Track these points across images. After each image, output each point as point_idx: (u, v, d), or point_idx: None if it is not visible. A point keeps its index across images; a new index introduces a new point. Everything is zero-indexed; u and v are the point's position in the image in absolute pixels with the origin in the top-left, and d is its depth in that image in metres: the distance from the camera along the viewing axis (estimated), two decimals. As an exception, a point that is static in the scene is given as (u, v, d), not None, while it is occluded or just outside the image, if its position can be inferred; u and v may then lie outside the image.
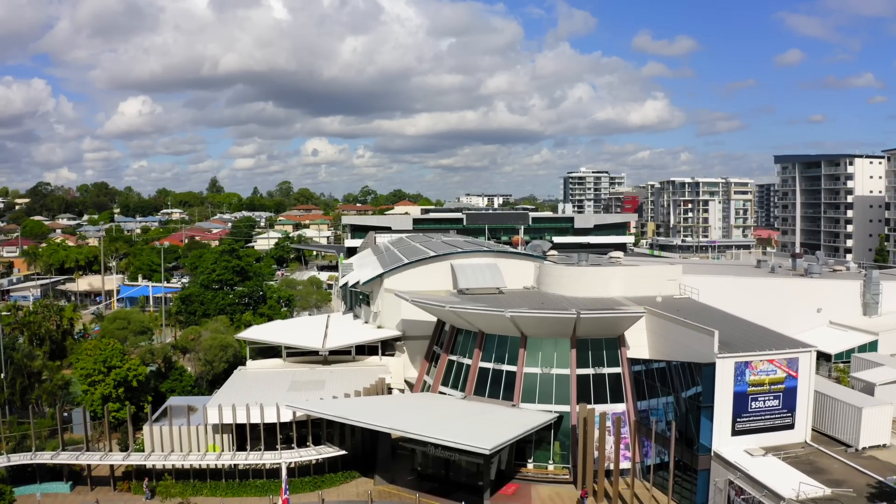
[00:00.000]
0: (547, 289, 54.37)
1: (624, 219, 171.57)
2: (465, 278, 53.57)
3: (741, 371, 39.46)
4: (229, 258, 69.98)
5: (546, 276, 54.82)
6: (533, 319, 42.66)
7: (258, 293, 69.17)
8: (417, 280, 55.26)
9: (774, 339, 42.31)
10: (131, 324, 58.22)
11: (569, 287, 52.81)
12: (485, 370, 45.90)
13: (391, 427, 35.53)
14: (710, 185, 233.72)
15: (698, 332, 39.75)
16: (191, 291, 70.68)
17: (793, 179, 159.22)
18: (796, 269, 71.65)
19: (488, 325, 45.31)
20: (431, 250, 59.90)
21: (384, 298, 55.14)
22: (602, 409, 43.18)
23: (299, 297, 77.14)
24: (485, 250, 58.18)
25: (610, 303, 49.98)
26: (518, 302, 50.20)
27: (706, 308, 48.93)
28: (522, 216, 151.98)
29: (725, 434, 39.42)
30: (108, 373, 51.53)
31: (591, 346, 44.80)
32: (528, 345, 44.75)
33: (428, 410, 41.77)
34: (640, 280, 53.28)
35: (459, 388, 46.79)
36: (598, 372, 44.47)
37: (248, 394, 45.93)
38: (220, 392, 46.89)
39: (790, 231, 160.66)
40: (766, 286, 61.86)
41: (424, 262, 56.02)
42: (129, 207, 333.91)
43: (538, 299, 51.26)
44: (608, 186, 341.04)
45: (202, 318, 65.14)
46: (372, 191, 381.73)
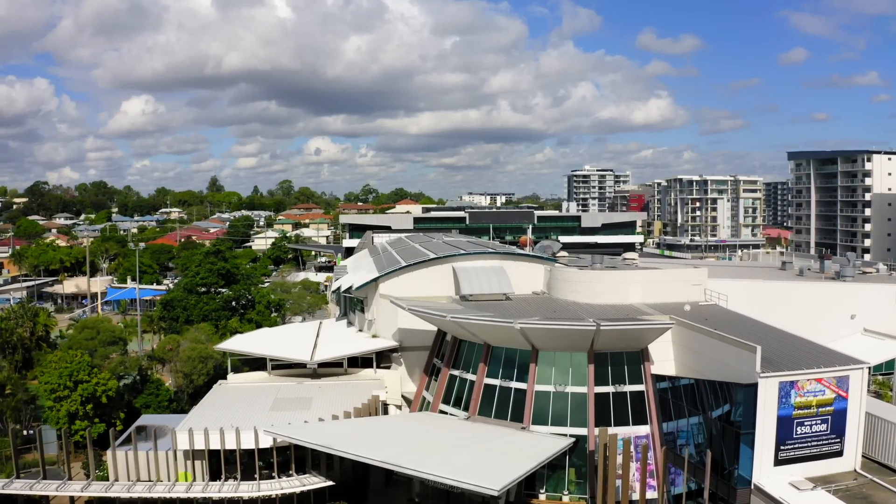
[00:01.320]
0: (559, 294, 49.31)
1: (632, 217, 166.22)
2: (468, 283, 48.51)
3: (786, 392, 34.41)
4: (214, 260, 64.94)
5: (558, 280, 49.74)
6: (546, 332, 37.58)
7: (245, 298, 64.16)
8: (416, 285, 50.21)
9: (821, 354, 37.26)
10: (101, 333, 53.32)
11: (583, 293, 47.75)
12: (491, 387, 40.80)
13: (383, 460, 30.57)
14: (719, 184, 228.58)
15: (737, 348, 34.67)
16: (173, 296, 65.76)
17: (807, 177, 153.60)
18: (825, 272, 66.38)
19: (495, 336, 40.25)
20: (431, 252, 54.86)
21: (379, 305, 50.10)
22: (623, 431, 38.22)
23: (291, 302, 71.95)
24: (490, 252, 53.09)
25: (629, 311, 44.93)
26: (527, 310, 45.13)
27: (738, 317, 43.85)
28: (527, 215, 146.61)
29: (767, 464, 34.40)
30: (74, 388, 46.71)
31: (610, 360, 39.68)
32: (539, 359, 39.64)
33: (426, 436, 36.73)
34: (661, 285, 48.24)
35: (462, 406, 41.72)
36: (619, 390, 39.37)
37: (226, 414, 40.97)
38: (194, 412, 41.92)
39: (804, 230, 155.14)
40: (797, 291, 56.67)
41: (423, 265, 50.97)
42: (127, 207, 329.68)
43: (550, 307, 46.22)
44: (613, 185, 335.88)
45: (184, 326, 60.22)
46: (373, 189, 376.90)
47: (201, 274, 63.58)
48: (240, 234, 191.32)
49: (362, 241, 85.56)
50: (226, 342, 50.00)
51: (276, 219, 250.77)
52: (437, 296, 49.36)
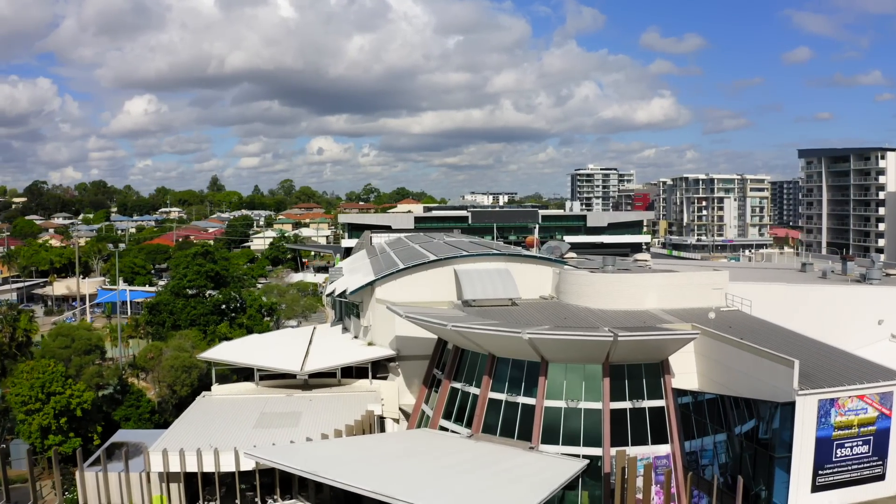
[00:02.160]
0: (568, 299, 45.77)
1: (639, 217, 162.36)
2: (471, 287, 44.98)
3: (826, 411, 30.85)
4: (202, 262, 61.45)
5: (567, 284, 46.19)
6: (557, 343, 34.02)
7: (236, 302, 60.64)
8: (415, 289, 46.69)
9: (861, 367, 33.70)
10: (76, 341, 49.90)
11: (595, 298, 44.21)
12: (496, 402, 37.25)
13: (376, 490, 27.06)
14: (725, 182, 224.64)
15: (772, 361, 31.12)
16: (159, 299, 62.32)
17: (818, 175, 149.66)
18: (848, 274, 62.72)
19: (500, 347, 36.71)
20: (432, 253, 51.34)
21: (376, 310, 46.62)
22: (642, 451, 34.73)
23: (284, 305, 68.33)
24: (494, 253, 49.54)
25: (646, 317, 41.40)
26: (535, 317, 41.63)
27: (765, 325, 40.28)
28: (532, 214, 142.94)
29: (804, 491, 30.86)
30: (46, 400, 43.30)
31: (627, 373, 36.11)
32: (549, 372, 36.08)
33: (425, 459, 33.21)
34: (680, 289, 44.69)
35: (465, 422, 38.18)
36: (637, 406, 35.79)
37: (207, 430, 37.50)
38: (172, 429, 38.43)
39: (816, 230, 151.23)
40: (822, 295, 52.94)
41: (423, 268, 47.43)
42: (126, 206, 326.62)
43: (559, 313, 42.68)
44: (617, 184, 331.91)
45: (170, 331, 56.78)
46: (375, 189, 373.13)
47: (189, 276, 60.07)
48: (238, 234, 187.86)
49: (360, 242, 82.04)
50: (210, 351, 46.48)
51: (275, 218, 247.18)
52: (437, 301, 45.89)
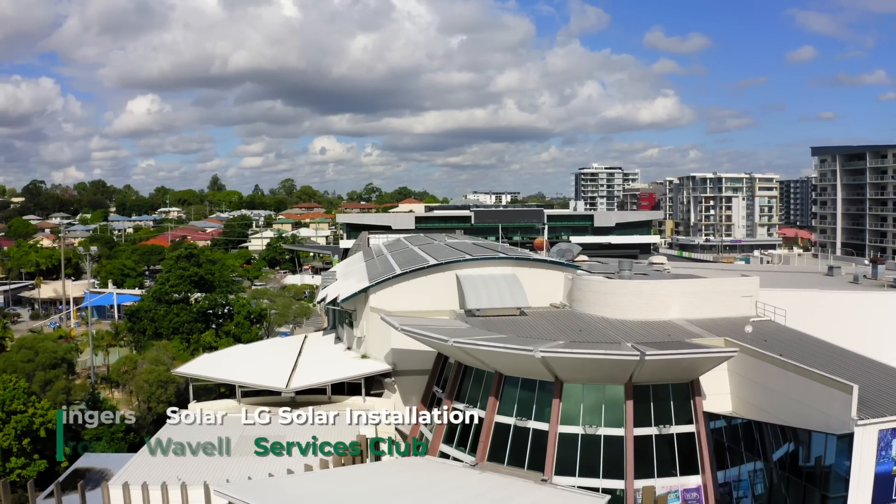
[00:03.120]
0: (583, 308, 41.48)
1: (648, 216, 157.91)
2: (474, 295, 40.72)
3: (886, 443, 26.57)
4: (186, 265, 57.25)
5: (581, 291, 41.90)
6: (576, 362, 29.77)
7: (222, 308, 56.46)
8: (413, 296, 42.49)
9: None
10: (40, 354, 45.75)
11: (613, 306, 39.92)
12: (503, 427, 33.00)
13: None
14: (734, 181, 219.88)
15: (824, 385, 26.87)
16: (140, 306, 58.22)
17: (832, 173, 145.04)
18: (880, 278, 58.37)
19: (509, 365, 32.48)
20: (432, 257, 47.13)
21: (370, 320, 42.44)
22: (669, 483, 30.60)
23: (275, 312, 63.98)
24: (500, 257, 45.25)
25: (670, 329, 37.13)
26: (547, 329, 37.35)
27: (805, 339, 36.00)
28: (537, 214, 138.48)
29: (861, 535, 26.63)
30: (7, 419, 39.19)
31: (653, 395, 31.84)
32: (564, 393, 31.82)
33: (424, 495, 28.95)
34: (706, 297, 40.40)
35: (468, 448, 33.94)
36: (664, 432, 31.54)
37: (177, 458, 33.18)
38: (138, 457, 34.28)
39: (830, 230, 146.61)
40: (861, 302, 48.54)
41: (422, 273, 43.23)
42: (125, 206, 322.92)
43: (574, 324, 38.39)
44: (621, 183, 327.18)
45: (150, 341, 52.69)
46: (376, 188, 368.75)
47: (171, 281, 55.88)
48: (236, 235, 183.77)
49: (357, 243, 77.82)
50: (187, 365, 42.22)
51: (275, 218, 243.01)
52: (437, 310, 41.64)
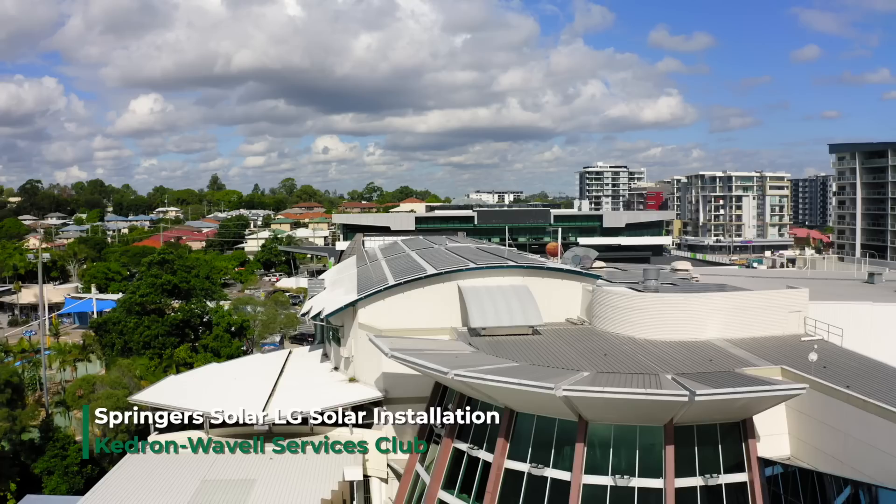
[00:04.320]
0: (605, 325, 35.79)
1: (660, 217, 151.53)
2: (480, 311, 35.06)
3: None
4: (158, 272, 51.53)
5: (604, 305, 36.18)
6: (607, 402, 24.07)
7: (198, 319, 50.74)
8: (408, 311, 36.86)
9: None
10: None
11: (641, 324, 34.25)
12: (515, 474, 27.32)
13: None
14: (744, 180, 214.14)
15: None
16: (108, 317, 52.66)
17: (851, 171, 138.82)
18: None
19: (523, 402, 26.79)
20: (431, 264, 41.47)
21: (359, 339, 36.82)
22: (717, 546, 24.92)
23: (259, 322, 57.96)
24: (509, 266, 39.49)
25: (711, 352, 31.48)
26: (566, 353, 31.67)
27: (876, 367, 30.19)
28: (543, 214, 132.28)
29: None
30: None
31: (698, 438, 26.13)
32: (589, 435, 26.14)
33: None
34: (748, 312, 34.73)
35: (473, 497, 28.32)
36: (711, 483, 25.84)
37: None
38: (84, 502, 28.69)
39: (849, 231, 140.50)
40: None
41: (418, 284, 37.54)
42: (122, 206, 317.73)
43: (597, 346, 32.71)
44: (627, 182, 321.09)
45: (117, 358, 47.05)
46: (378, 188, 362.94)
47: (141, 290, 50.12)
48: (231, 235, 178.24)
49: (351, 246, 72.10)
50: (147, 392, 36.54)
51: (273, 218, 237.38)
52: (436, 328, 36.02)
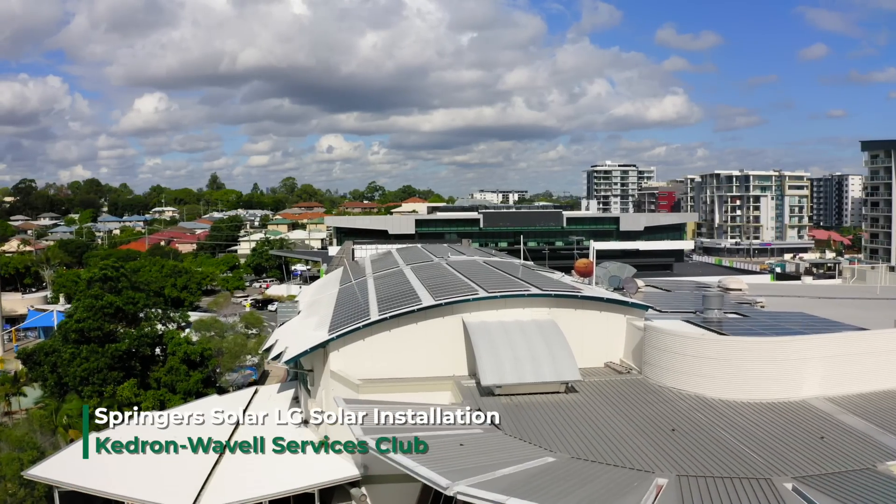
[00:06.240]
0: (661, 377, 26.41)
1: (681, 219, 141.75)
2: (493, 361, 25.64)
3: None
4: (99, 292, 42.13)
5: (660, 350, 26.75)
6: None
7: (148, 350, 41.32)
8: (395, 353, 27.65)
9: None
10: None
11: (713, 377, 24.88)
12: None
13: None
14: (762, 179, 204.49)
15: None
16: (40, 346, 43.25)
17: (886, 170, 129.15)
18: None
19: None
20: (427, 288, 32.08)
21: (331, 390, 27.59)
22: None
23: (221, 352, 47.66)
24: (532, 294, 29.80)
25: (816, 422, 22.16)
26: (617, 424, 22.25)
27: None
28: (555, 216, 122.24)
29: None
30: None
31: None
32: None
33: None
34: (853, 360, 25.38)
35: None
36: None
37: None
38: None
39: (882, 234, 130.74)
40: None
41: (410, 319, 28.16)
42: (118, 206, 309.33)
43: (656, 413, 23.31)
44: (636, 181, 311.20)
45: (48, 398, 37.85)
46: (380, 187, 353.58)
47: (77, 315, 40.61)
48: (224, 237, 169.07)
49: (339, 255, 62.78)
50: (47, 463, 27.11)
51: (271, 219, 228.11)
52: (433, 377, 26.80)
